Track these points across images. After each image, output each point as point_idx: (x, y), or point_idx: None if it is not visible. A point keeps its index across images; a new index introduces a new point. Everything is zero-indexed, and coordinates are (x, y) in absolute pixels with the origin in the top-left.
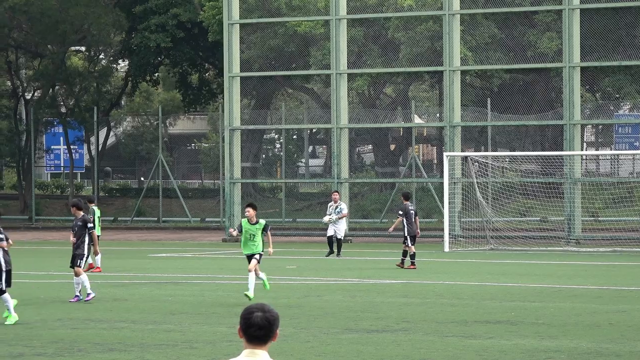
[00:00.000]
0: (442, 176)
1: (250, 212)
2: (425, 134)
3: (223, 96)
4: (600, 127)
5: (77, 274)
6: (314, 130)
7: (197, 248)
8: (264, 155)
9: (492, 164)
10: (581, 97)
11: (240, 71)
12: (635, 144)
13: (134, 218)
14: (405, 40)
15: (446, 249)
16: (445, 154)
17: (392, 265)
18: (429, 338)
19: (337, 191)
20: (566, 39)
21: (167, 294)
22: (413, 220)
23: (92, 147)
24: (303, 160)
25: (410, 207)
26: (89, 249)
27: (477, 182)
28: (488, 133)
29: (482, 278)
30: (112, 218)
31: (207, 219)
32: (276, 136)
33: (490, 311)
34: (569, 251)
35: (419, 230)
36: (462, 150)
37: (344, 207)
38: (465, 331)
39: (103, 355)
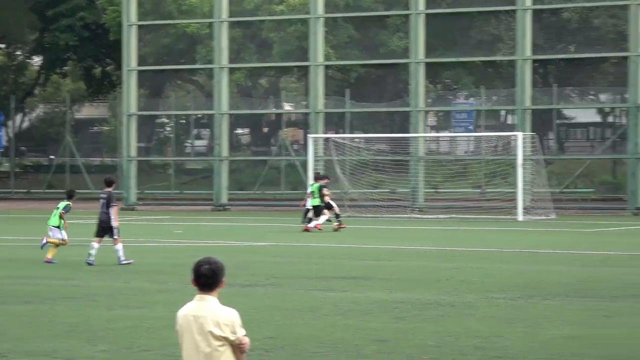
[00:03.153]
0: (307, 154)
1: None
2: (293, 119)
3: (122, 86)
4: (440, 113)
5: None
6: (199, 116)
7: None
8: (156, 137)
9: (349, 144)
10: (425, 87)
11: (137, 65)
12: (469, 127)
13: (45, 190)
14: (277, 40)
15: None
16: (310, 136)
17: (264, 229)
18: (295, 291)
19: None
20: (412, 39)
21: (75, 254)
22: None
23: (10, 130)
24: (189, 141)
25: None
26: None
27: (336, 160)
28: (346, 118)
29: (340, 240)
30: (26, 190)
31: None
32: (167, 121)
33: (347, 268)
34: (413, 218)
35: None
36: (324, 133)
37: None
38: (326, 285)
39: (22, 307)
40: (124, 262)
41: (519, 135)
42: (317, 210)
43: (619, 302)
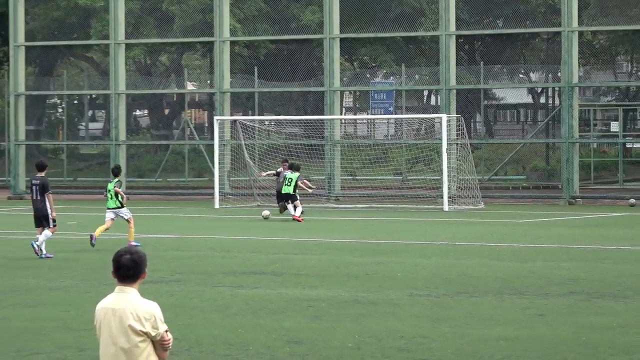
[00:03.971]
0: (212, 138)
1: None
2: (197, 100)
3: (9, 64)
4: (357, 93)
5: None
6: (93, 96)
7: None
8: (47, 119)
9: (258, 127)
10: (340, 65)
11: (25, 41)
12: (389, 109)
13: None
14: (179, 13)
15: (216, 205)
16: (215, 118)
17: (166, 220)
18: (200, 288)
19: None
20: (327, 13)
21: None
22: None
23: None
24: (83, 123)
25: (279, 172)
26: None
27: (245, 144)
28: (255, 99)
29: (249, 232)
30: None
31: None
32: (58, 101)
33: (257, 263)
34: (329, 207)
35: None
36: (231, 115)
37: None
38: (234, 281)
39: None
40: (36, 245)
41: (444, 117)
42: (288, 198)
43: (553, 300)
